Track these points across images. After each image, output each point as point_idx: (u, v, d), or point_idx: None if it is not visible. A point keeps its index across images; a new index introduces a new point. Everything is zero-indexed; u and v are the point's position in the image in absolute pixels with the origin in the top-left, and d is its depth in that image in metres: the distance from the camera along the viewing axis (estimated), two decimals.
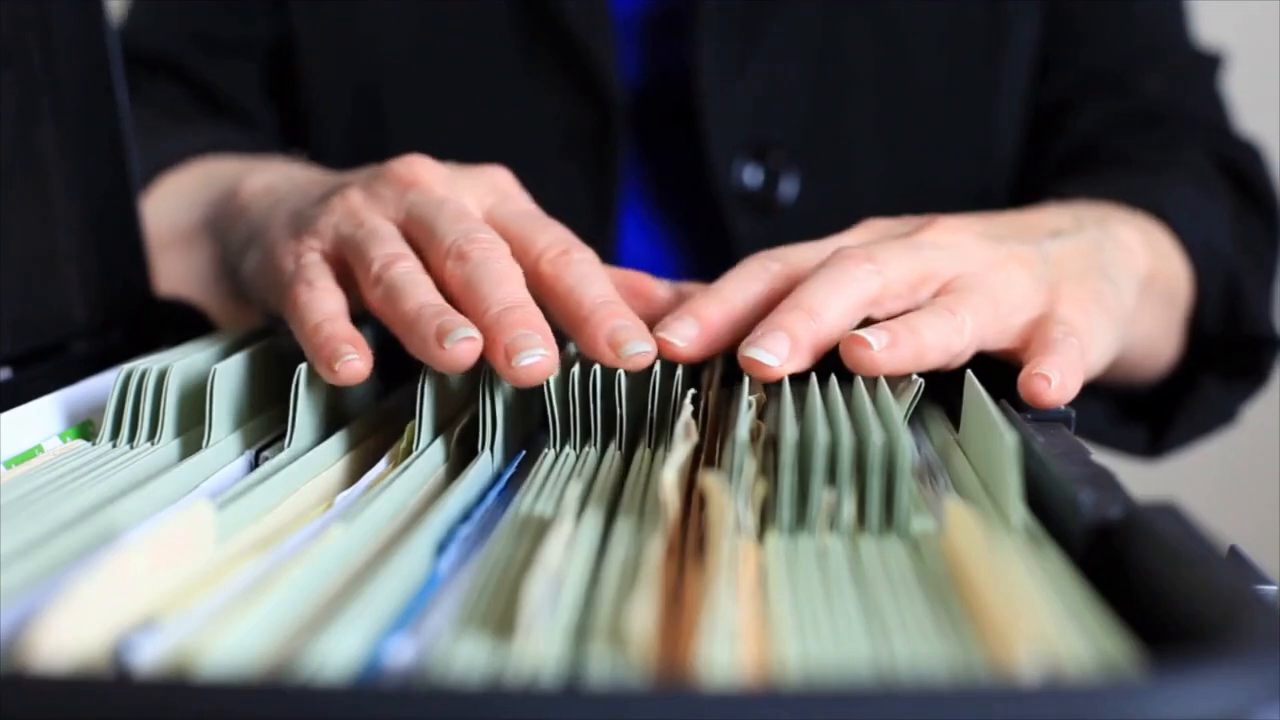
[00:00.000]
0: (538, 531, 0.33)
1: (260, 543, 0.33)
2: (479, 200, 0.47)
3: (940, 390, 0.44)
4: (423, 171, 0.46)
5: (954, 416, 0.42)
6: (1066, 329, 0.44)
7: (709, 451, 0.40)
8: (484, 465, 0.39)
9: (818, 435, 0.33)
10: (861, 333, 0.41)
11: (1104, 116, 0.73)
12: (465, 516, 0.35)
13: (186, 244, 0.63)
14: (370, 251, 0.43)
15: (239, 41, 0.76)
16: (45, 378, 0.45)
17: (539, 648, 0.25)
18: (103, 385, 0.45)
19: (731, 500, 0.31)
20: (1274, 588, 0.32)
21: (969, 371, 0.40)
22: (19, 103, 0.47)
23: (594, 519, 0.33)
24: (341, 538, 0.31)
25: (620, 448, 0.41)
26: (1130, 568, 0.29)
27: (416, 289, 0.41)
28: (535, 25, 0.71)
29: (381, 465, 0.40)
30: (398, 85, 0.73)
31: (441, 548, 0.32)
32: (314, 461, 0.39)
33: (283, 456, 0.40)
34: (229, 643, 0.24)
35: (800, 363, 0.41)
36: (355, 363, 0.40)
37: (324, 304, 0.43)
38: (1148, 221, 0.62)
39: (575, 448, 0.41)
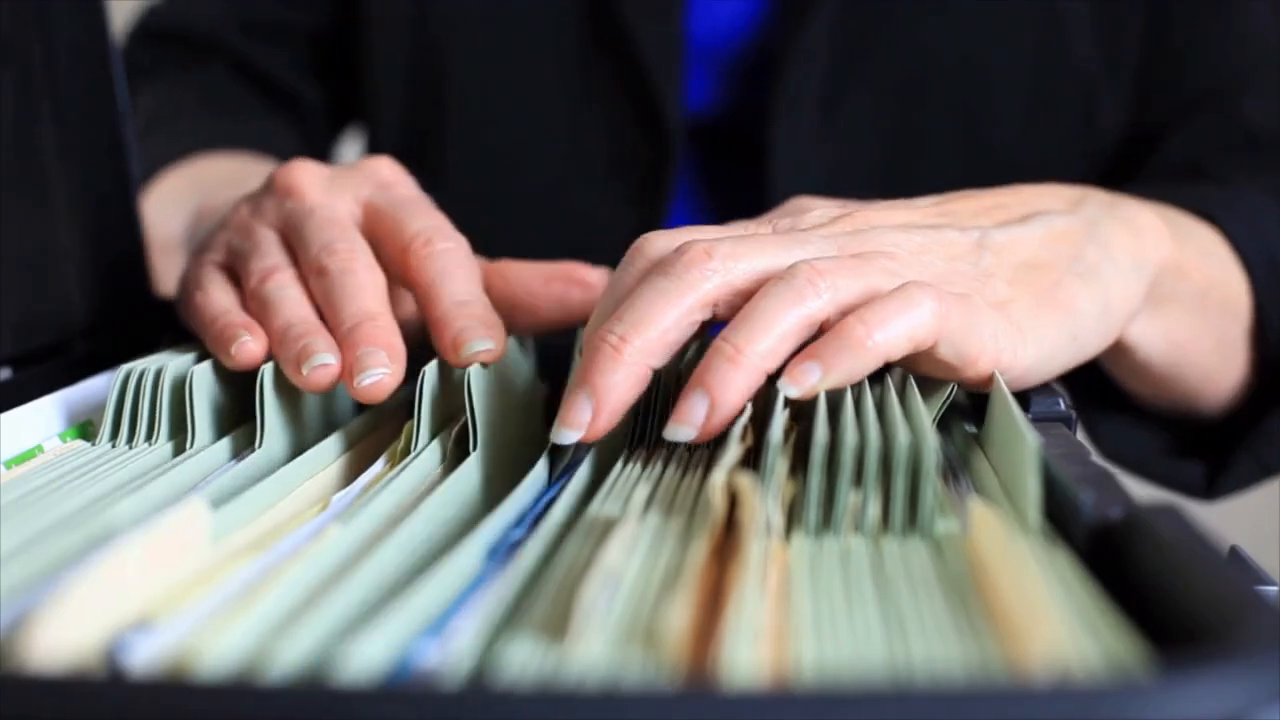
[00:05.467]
0: (602, 533, 0.33)
1: (256, 543, 0.33)
2: (355, 195, 0.47)
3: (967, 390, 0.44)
4: (300, 177, 0.47)
5: (978, 414, 0.42)
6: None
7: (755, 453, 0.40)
8: (540, 470, 0.39)
9: (846, 437, 0.33)
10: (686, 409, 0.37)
11: (1197, 140, 0.66)
12: (519, 521, 0.35)
13: (170, 254, 0.63)
14: (250, 264, 0.45)
15: (281, 25, 0.77)
16: (45, 378, 0.45)
17: (589, 649, 0.25)
18: (102, 385, 0.45)
19: (762, 502, 0.31)
20: (1274, 588, 0.32)
21: (995, 372, 0.40)
22: (19, 103, 0.47)
23: (655, 521, 0.33)
24: (339, 538, 0.31)
25: (689, 449, 0.40)
26: (1131, 568, 0.29)
27: (284, 305, 0.43)
28: (604, 44, 0.70)
29: (379, 466, 0.40)
30: (460, 82, 0.73)
31: (493, 552, 0.32)
32: (311, 461, 0.39)
33: (273, 456, 0.40)
34: (226, 643, 0.24)
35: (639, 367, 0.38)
36: (249, 344, 0.42)
37: (219, 300, 0.45)
38: (1198, 224, 0.55)
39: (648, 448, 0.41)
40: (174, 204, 0.65)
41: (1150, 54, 0.68)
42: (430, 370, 0.42)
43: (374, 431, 0.44)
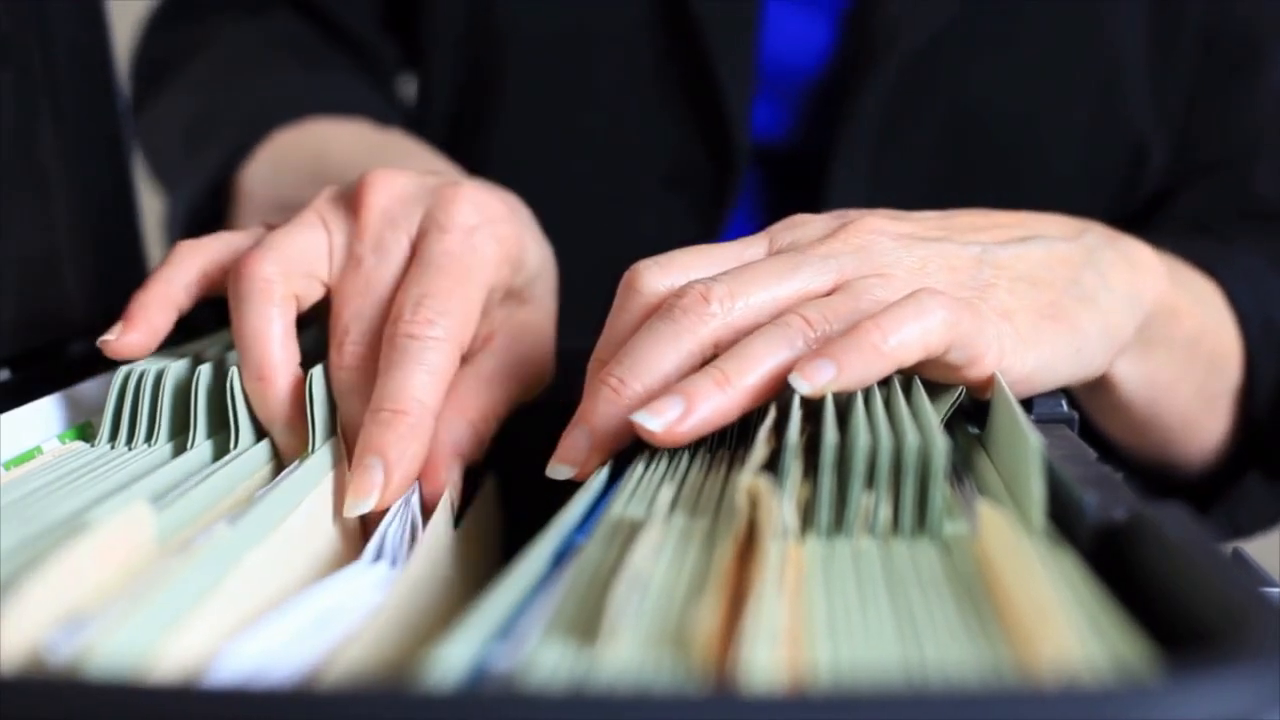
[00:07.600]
0: (628, 535, 0.33)
1: (181, 543, 0.33)
2: (410, 233, 0.45)
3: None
4: (371, 198, 0.45)
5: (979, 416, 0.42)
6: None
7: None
8: (604, 471, 0.39)
9: (858, 439, 0.33)
10: (642, 414, 0.38)
11: (1205, 202, 0.66)
12: (581, 524, 0.35)
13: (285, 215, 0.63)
14: (266, 239, 0.44)
15: None
16: (45, 378, 0.45)
17: (619, 652, 0.25)
18: (102, 386, 0.45)
19: (779, 504, 0.31)
20: (1278, 590, 0.32)
21: (997, 373, 0.40)
22: (19, 103, 0.47)
23: (680, 522, 0.33)
24: (226, 537, 0.31)
25: (711, 450, 0.40)
26: (1135, 569, 0.29)
27: (259, 312, 0.42)
28: (676, 58, 0.68)
29: (293, 466, 0.39)
30: (519, 71, 0.71)
31: (559, 558, 0.32)
32: (254, 459, 0.39)
33: (251, 455, 0.40)
34: (116, 643, 0.25)
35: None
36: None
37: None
38: (1197, 275, 0.56)
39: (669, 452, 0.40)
40: (292, 173, 0.64)
41: (1188, 115, 0.68)
42: (317, 372, 0.42)
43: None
